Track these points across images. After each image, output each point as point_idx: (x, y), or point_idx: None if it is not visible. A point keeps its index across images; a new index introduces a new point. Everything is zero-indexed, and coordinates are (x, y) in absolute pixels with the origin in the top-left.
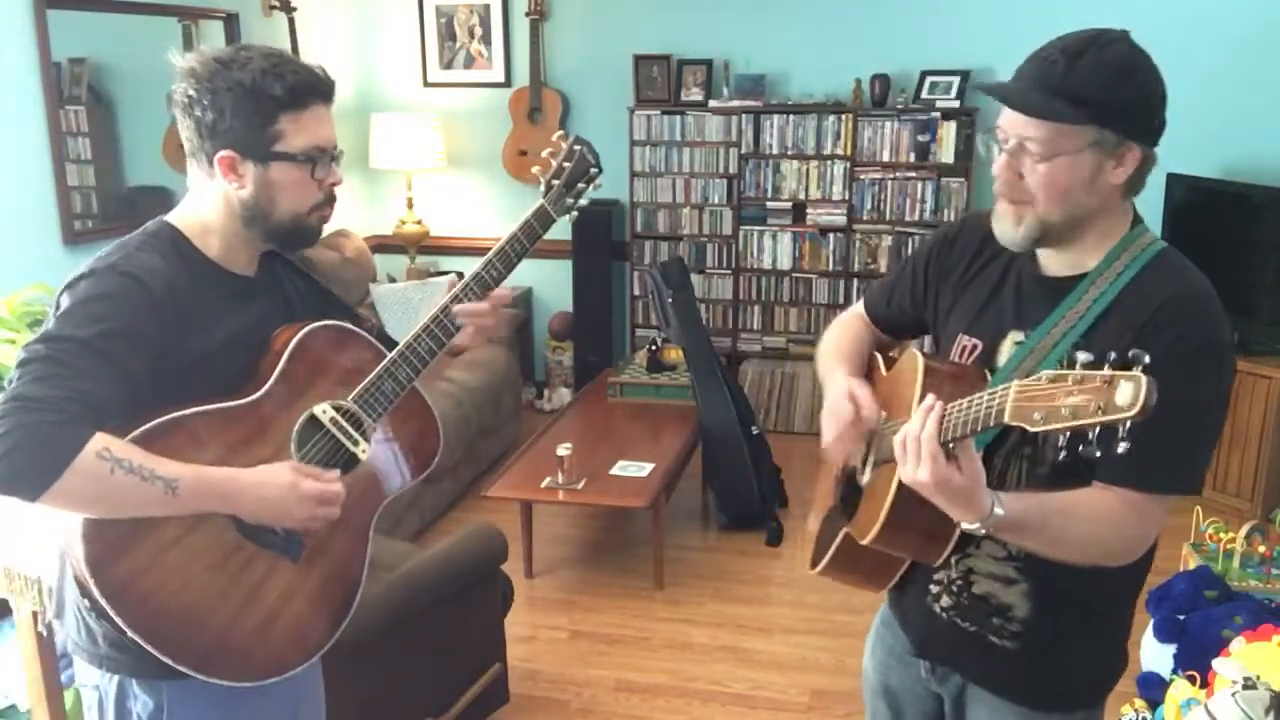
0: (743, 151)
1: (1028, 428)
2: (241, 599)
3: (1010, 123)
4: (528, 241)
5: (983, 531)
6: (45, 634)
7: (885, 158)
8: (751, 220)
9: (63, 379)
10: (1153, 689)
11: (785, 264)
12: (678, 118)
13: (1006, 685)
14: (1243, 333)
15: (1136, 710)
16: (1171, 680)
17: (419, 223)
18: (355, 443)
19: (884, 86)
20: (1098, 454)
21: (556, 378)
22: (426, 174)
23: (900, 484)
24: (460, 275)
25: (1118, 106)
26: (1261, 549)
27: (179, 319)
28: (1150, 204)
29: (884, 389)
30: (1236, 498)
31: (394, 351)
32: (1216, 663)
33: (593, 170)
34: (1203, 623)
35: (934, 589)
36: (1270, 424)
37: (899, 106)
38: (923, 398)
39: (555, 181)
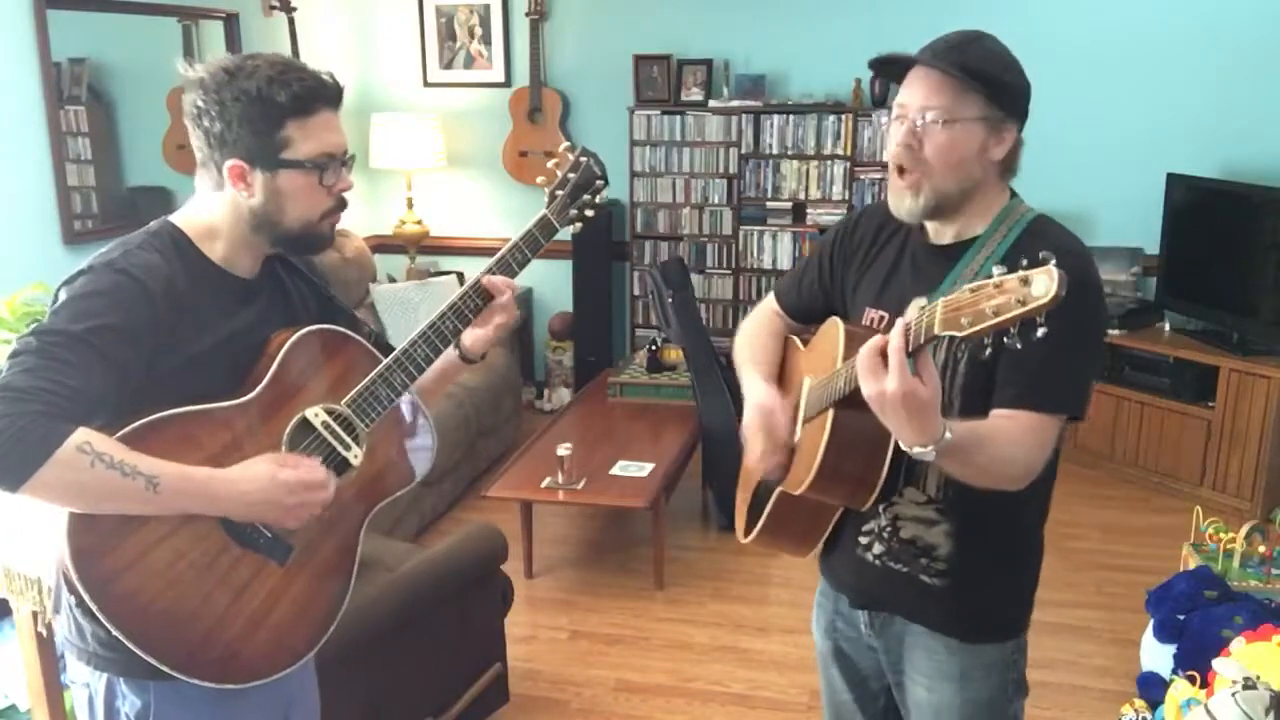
0: (743, 151)
1: (956, 333)
2: (227, 601)
3: (915, 97)
4: (529, 251)
5: (931, 453)
6: (45, 634)
7: (885, 158)
8: (751, 220)
9: (50, 371)
10: (1153, 689)
11: (785, 264)
12: (678, 118)
13: (939, 620)
14: (1243, 333)
15: (1136, 710)
16: (1171, 680)
17: (419, 223)
18: (347, 447)
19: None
20: (1019, 345)
21: (556, 378)
22: (426, 174)
23: (834, 428)
24: (461, 275)
25: (1004, 85)
26: (1261, 549)
27: (174, 318)
28: (1150, 204)
29: (806, 359)
30: (1236, 498)
31: (389, 357)
32: (1216, 663)
33: (599, 182)
34: (1203, 623)
35: (864, 539)
36: (1270, 424)
37: None
38: (846, 355)
39: (559, 192)
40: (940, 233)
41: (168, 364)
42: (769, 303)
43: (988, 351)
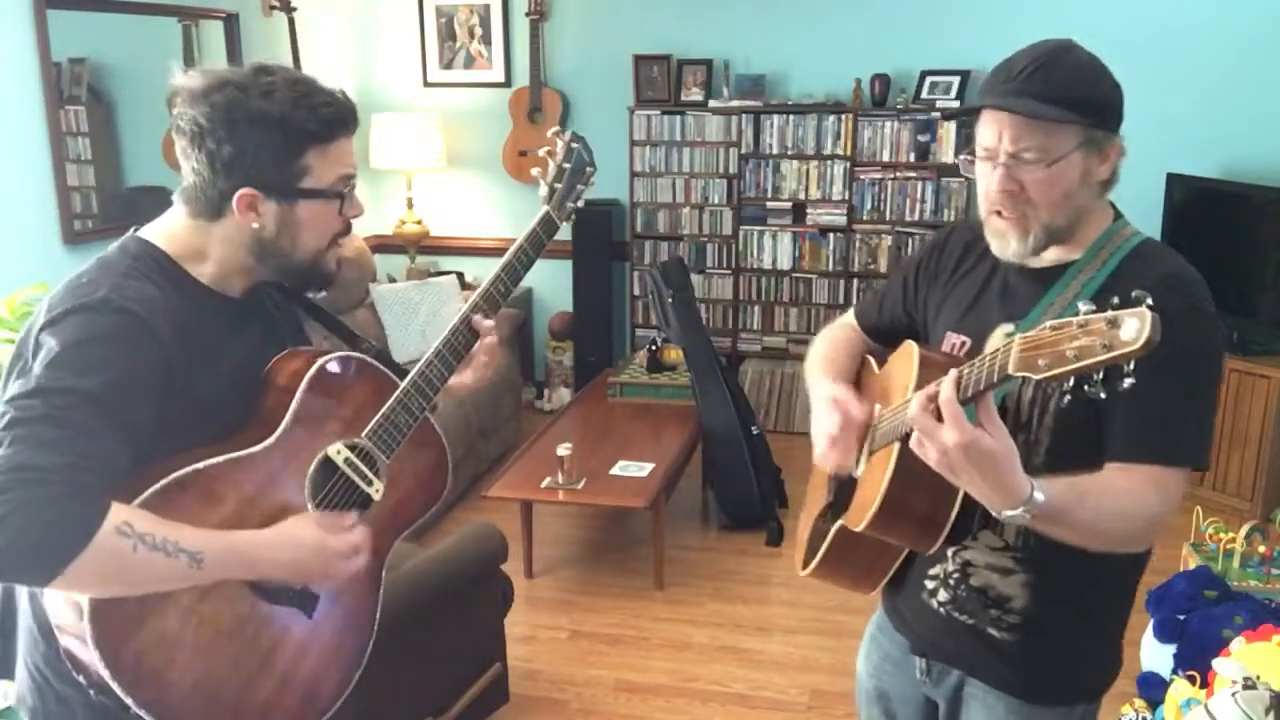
0: (743, 151)
1: (1032, 375)
2: (256, 665)
3: (1004, 136)
4: (534, 252)
5: (1024, 518)
6: None
7: (885, 158)
8: (751, 220)
9: (68, 442)
10: (1153, 689)
11: (785, 264)
12: (678, 118)
13: (1004, 678)
14: (1243, 333)
15: (1136, 710)
16: (1171, 680)
17: (419, 223)
18: (369, 483)
19: (884, 86)
20: (1102, 395)
21: (556, 378)
22: (426, 174)
23: (898, 461)
24: (461, 275)
25: (1100, 104)
26: (1261, 549)
27: (185, 356)
28: (1150, 204)
29: (878, 383)
30: (1236, 498)
31: (405, 381)
32: (1216, 663)
33: (589, 169)
34: (1203, 623)
35: (930, 584)
36: (1270, 424)
37: (899, 106)
38: (920, 384)
39: (558, 185)
40: (1036, 256)
41: (177, 410)
42: (846, 319)
43: (1066, 400)
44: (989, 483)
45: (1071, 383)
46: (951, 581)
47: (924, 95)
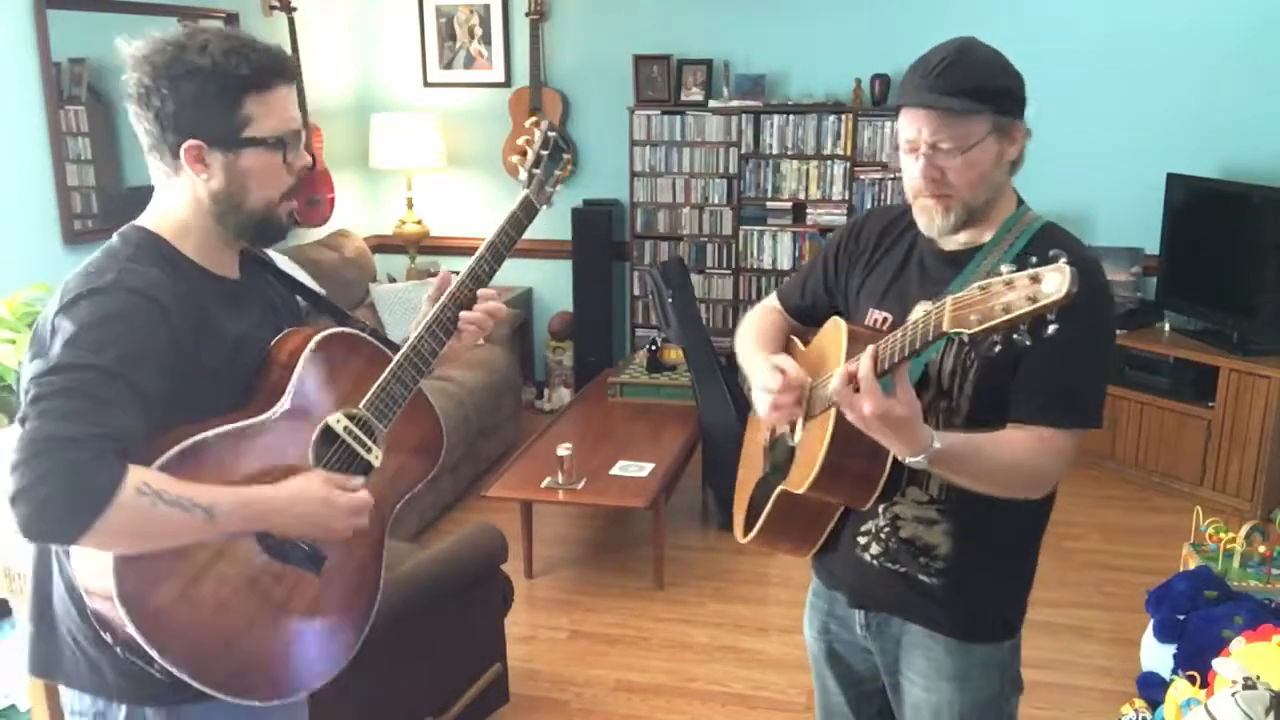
0: (743, 151)
1: (965, 330)
2: (271, 618)
3: (922, 130)
4: (515, 234)
5: (923, 462)
6: None
7: (885, 158)
8: (751, 220)
9: (90, 413)
10: (1153, 689)
11: (785, 264)
12: (678, 118)
13: (938, 620)
14: (1243, 333)
15: (1136, 710)
16: (1171, 680)
17: (419, 223)
18: (368, 450)
19: (884, 86)
20: (1028, 343)
21: (556, 378)
22: (426, 174)
23: (836, 426)
24: (457, 274)
25: (1005, 92)
26: (1261, 549)
27: (190, 331)
28: (1150, 204)
29: (808, 359)
30: (1236, 498)
31: (399, 354)
32: (1216, 663)
33: (565, 157)
34: (1203, 623)
35: (862, 539)
36: (1270, 424)
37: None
38: (849, 355)
39: (536, 171)
40: (950, 239)
41: (186, 381)
42: (770, 302)
43: (997, 349)
44: (899, 439)
45: (1001, 335)
46: (883, 535)
47: None
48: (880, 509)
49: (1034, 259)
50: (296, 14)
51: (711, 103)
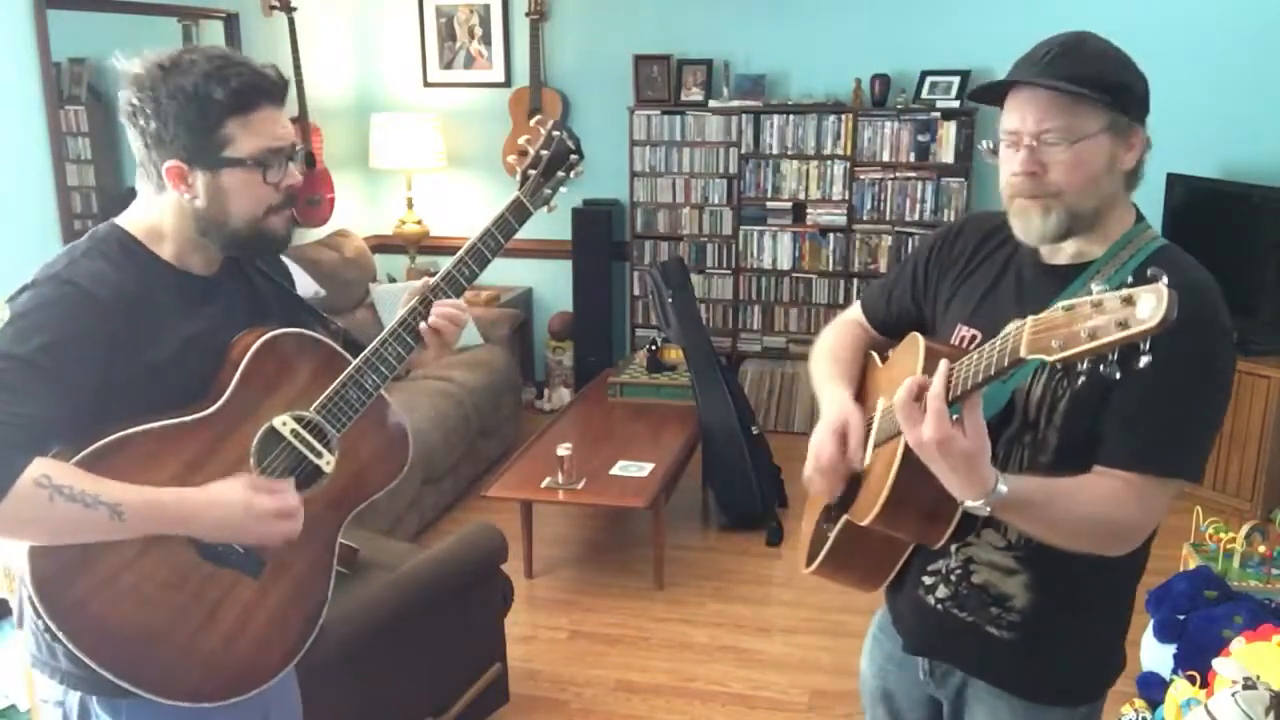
0: (743, 151)
1: (1045, 357)
2: (200, 620)
3: (1027, 118)
4: (503, 237)
5: (986, 510)
6: None
7: (885, 158)
8: (751, 220)
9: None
10: (1153, 689)
11: (785, 264)
12: (678, 118)
13: (1005, 677)
14: (1243, 333)
15: (1136, 710)
16: (1171, 680)
17: (419, 223)
18: (319, 454)
19: (884, 86)
20: (1118, 375)
21: (556, 378)
22: (426, 174)
23: (904, 455)
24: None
25: (1125, 88)
26: (1261, 549)
27: (130, 326)
28: (1150, 204)
29: (883, 377)
30: (1236, 498)
31: (358, 358)
32: (1216, 663)
33: (573, 157)
34: (1203, 623)
35: (928, 580)
36: (1270, 424)
37: (899, 106)
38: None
39: (532, 171)
40: (1055, 252)
41: (125, 376)
42: (852, 313)
43: (1080, 380)
44: (957, 476)
45: (1086, 364)
46: (953, 578)
47: (924, 95)
48: (953, 548)
49: (1130, 279)
50: (296, 14)
51: (711, 103)
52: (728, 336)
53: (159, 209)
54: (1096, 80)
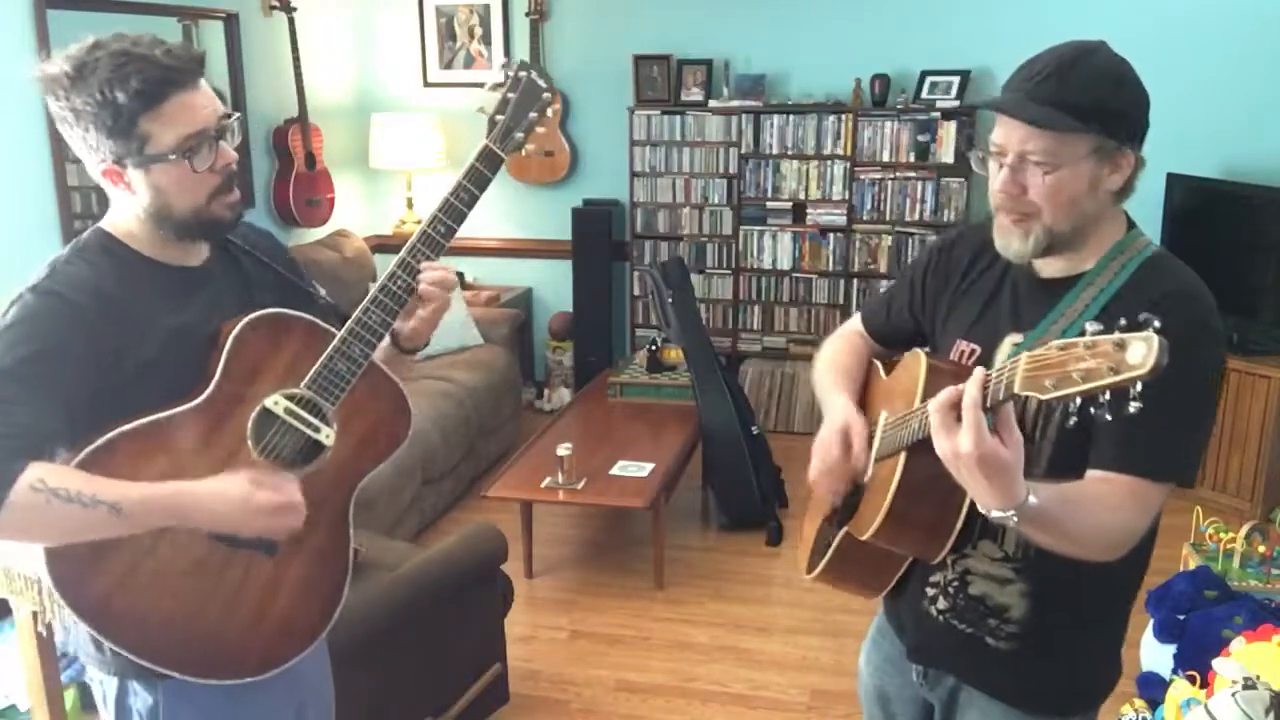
0: (743, 151)
1: (1039, 396)
2: (225, 600)
3: (1011, 137)
4: (476, 189)
5: (1012, 519)
6: (45, 634)
7: (885, 158)
8: (751, 220)
9: None
10: (1153, 689)
11: (785, 264)
12: (678, 118)
13: (1001, 687)
14: (1243, 333)
15: (1136, 710)
16: (1171, 680)
17: (419, 222)
18: (317, 430)
19: (884, 86)
20: (1108, 417)
21: (556, 378)
22: (426, 174)
23: (905, 470)
24: (461, 275)
25: (1115, 113)
26: (1261, 549)
27: (113, 326)
28: (1150, 204)
29: (884, 390)
30: (1236, 498)
31: (343, 330)
32: (1216, 663)
33: (545, 95)
34: (1203, 623)
35: (930, 591)
36: (1270, 424)
37: (899, 106)
38: (926, 394)
39: (500, 117)
40: (1047, 265)
41: (117, 376)
42: (854, 324)
43: (1072, 420)
44: (992, 488)
45: (1079, 403)
46: (951, 590)
47: (924, 95)
48: (950, 561)
49: (1123, 321)
50: (296, 14)
51: (711, 103)
52: (728, 336)
53: (122, 208)
54: (1087, 108)
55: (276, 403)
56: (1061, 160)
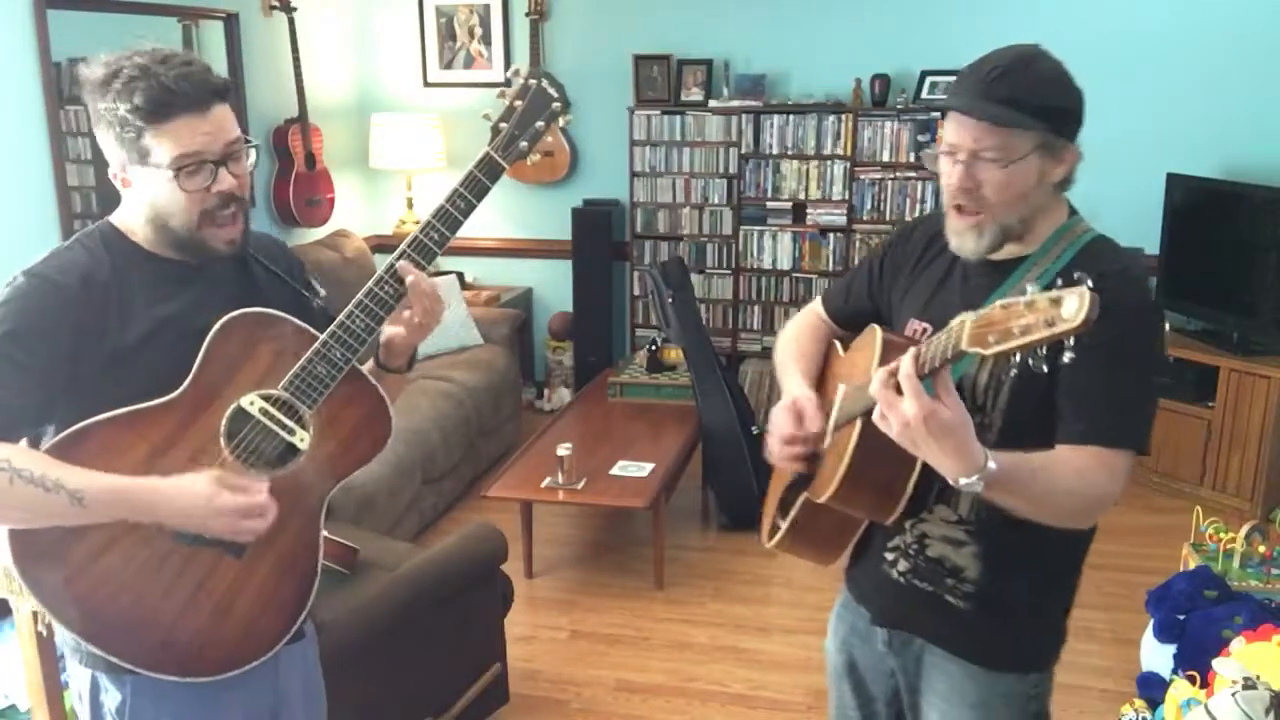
0: (743, 151)
1: (982, 351)
2: (186, 597)
3: (965, 135)
4: (474, 197)
5: (978, 484)
6: (45, 634)
7: (885, 158)
8: (751, 220)
9: None
10: (1153, 689)
11: (785, 264)
12: (678, 118)
13: (962, 645)
14: (1243, 333)
15: (1136, 710)
16: (1171, 680)
17: (419, 223)
18: (291, 432)
19: (884, 86)
20: (1044, 368)
21: (556, 378)
22: (426, 174)
23: (861, 435)
24: (460, 276)
25: (1060, 111)
26: (1261, 549)
27: (96, 310)
28: (1150, 204)
29: (845, 365)
30: (1236, 498)
31: (325, 333)
32: (1216, 663)
33: (555, 105)
34: (1203, 623)
35: (890, 555)
36: (1270, 424)
37: (899, 106)
38: (882, 364)
39: (504, 125)
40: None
41: (96, 361)
42: (814, 307)
43: (1012, 373)
44: (947, 451)
45: (1018, 357)
46: (910, 552)
47: (924, 95)
48: (908, 525)
49: (1059, 281)
50: (296, 14)
51: (711, 103)
52: (728, 336)
53: (130, 205)
54: (1036, 106)
55: (252, 403)
56: (1012, 155)
